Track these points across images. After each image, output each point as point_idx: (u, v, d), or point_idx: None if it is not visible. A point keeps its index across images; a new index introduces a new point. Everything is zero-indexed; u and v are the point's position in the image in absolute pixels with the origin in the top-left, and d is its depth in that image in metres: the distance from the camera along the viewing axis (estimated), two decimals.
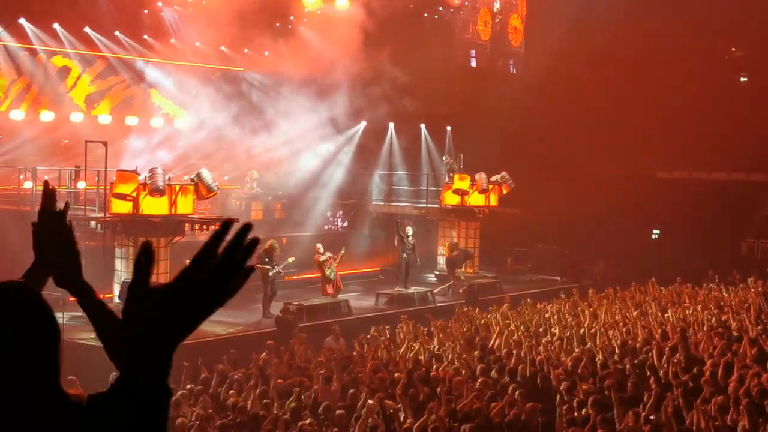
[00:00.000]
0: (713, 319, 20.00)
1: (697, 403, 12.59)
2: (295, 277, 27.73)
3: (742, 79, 45.41)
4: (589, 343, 17.53)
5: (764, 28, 41.87)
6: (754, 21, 41.60)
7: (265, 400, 13.77)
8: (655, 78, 39.63)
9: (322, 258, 25.54)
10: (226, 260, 1.78)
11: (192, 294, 1.78)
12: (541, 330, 19.62)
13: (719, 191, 38.77)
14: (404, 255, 28.61)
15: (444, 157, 34.16)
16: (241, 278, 1.81)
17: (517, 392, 13.55)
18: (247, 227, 1.81)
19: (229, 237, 1.80)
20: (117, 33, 30.28)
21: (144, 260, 1.81)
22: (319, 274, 25.98)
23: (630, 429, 11.99)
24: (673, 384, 14.19)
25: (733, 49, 45.71)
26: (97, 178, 24.73)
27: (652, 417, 12.46)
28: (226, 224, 1.83)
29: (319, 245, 26.05)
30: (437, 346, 18.56)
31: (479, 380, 14.86)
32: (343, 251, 26.24)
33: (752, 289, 25.27)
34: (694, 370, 14.90)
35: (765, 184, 40.19)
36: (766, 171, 40.32)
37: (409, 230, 29.18)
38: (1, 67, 28.50)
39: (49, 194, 2.46)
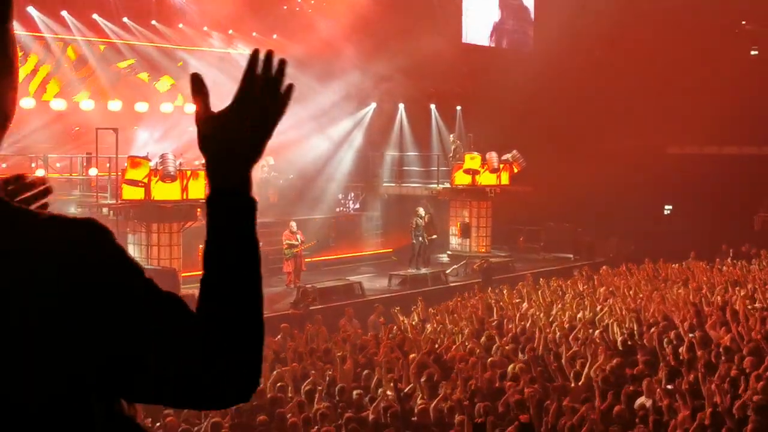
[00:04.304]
0: (727, 296, 19.95)
1: (711, 378, 12.58)
2: (307, 260, 27.76)
3: (752, 53, 45.12)
4: (602, 322, 17.52)
5: None
6: None
7: (279, 384, 13.80)
8: (665, 53, 39.42)
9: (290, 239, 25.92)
10: (267, 81, 2.05)
11: (253, 114, 2.02)
12: (555, 309, 19.59)
13: (731, 166, 38.59)
14: (418, 237, 28.63)
15: (451, 137, 34.06)
16: (286, 93, 2.09)
17: (532, 371, 13.56)
18: (271, 53, 2.08)
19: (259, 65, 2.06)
20: (125, 19, 30.23)
21: (199, 90, 2.03)
22: (331, 257, 26.11)
23: (641, 406, 11.99)
24: (687, 360, 14.18)
25: (744, 22, 45.37)
26: (108, 165, 24.77)
27: (669, 387, 12.48)
28: (255, 52, 2.08)
29: (292, 223, 26.37)
30: (452, 327, 18.56)
31: (494, 360, 14.87)
32: (313, 242, 26.58)
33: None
34: (710, 347, 14.88)
35: None
36: None
37: (421, 211, 29.17)
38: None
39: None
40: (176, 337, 1.84)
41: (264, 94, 2.05)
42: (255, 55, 2.07)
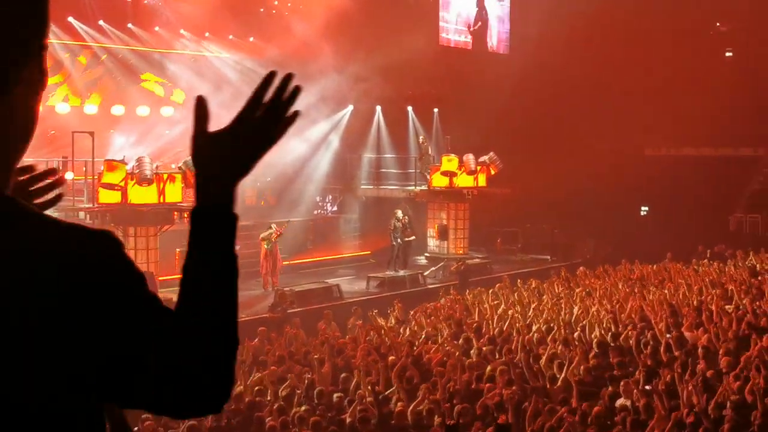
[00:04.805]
0: (703, 296, 20.07)
1: (686, 377, 12.66)
2: (285, 263, 27.72)
3: (727, 54, 45.47)
4: (579, 323, 17.58)
5: (749, 3, 41.98)
6: None
7: (258, 387, 13.78)
8: (641, 55, 39.65)
9: (265, 233, 25.94)
10: (274, 105, 2.09)
11: (247, 135, 2.07)
12: (532, 310, 19.63)
13: (707, 167, 38.83)
14: (397, 239, 28.67)
15: (420, 138, 33.98)
16: (289, 120, 2.12)
17: (510, 373, 13.59)
18: (289, 76, 2.12)
19: (274, 86, 2.10)
20: (101, 22, 30.09)
21: (200, 111, 2.09)
22: (308, 260, 26.09)
23: (621, 406, 12.05)
24: (664, 361, 14.26)
25: (719, 24, 45.74)
26: (84, 169, 24.64)
27: (647, 387, 12.55)
28: (270, 74, 2.11)
29: (273, 225, 26.46)
30: (430, 329, 18.57)
31: (472, 362, 14.90)
32: (285, 224, 26.72)
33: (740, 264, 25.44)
34: (687, 347, 14.98)
35: (752, 159, 40.32)
36: (753, 145, 40.45)
37: (399, 213, 29.20)
38: None
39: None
40: (157, 346, 1.88)
41: (267, 117, 2.10)
42: (270, 77, 2.11)
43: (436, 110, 37.79)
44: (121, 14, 30.71)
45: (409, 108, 37.49)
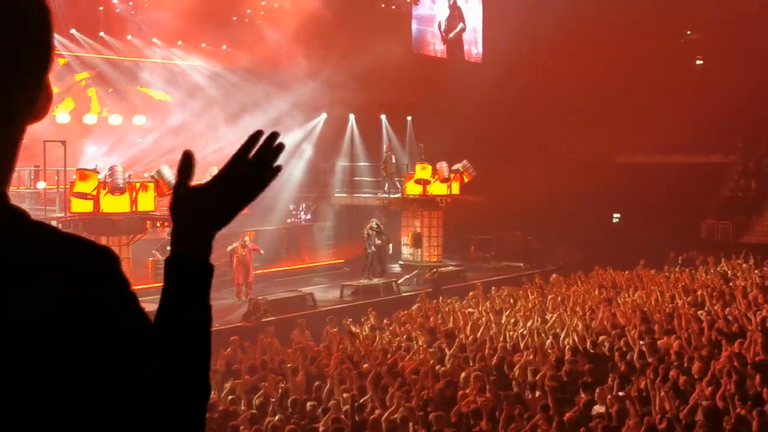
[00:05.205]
0: (675, 303, 20.20)
1: (659, 383, 12.73)
2: (258, 272, 27.64)
3: (698, 62, 45.86)
4: (553, 330, 17.64)
5: (719, 12, 42.35)
6: (709, 4, 42.06)
7: (231, 397, 13.74)
8: (613, 63, 39.86)
9: (231, 247, 26.01)
10: (258, 160, 2.13)
11: (229, 189, 2.10)
12: (505, 318, 19.68)
13: (678, 174, 39.09)
14: (371, 247, 28.70)
15: (384, 147, 33.96)
16: (272, 175, 2.16)
17: (484, 380, 13.61)
18: (275, 134, 2.17)
19: (259, 142, 2.16)
20: (73, 31, 29.93)
21: (184, 166, 2.09)
22: (282, 268, 26.02)
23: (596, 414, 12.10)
24: (637, 367, 14.34)
25: (689, 32, 46.13)
26: (56, 178, 24.51)
27: (621, 393, 12.61)
28: (257, 133, 2.17)
29: (246, 237, 26.41)
30: (404, 337, 18.58)
31: (446, 369, 14.92)
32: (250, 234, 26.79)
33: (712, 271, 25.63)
34: (659, 354, 15.06)
35: (722, 166, 40.63)
36: (724, 152, 40.77)
37: (374, 222, 29.27)
38: None
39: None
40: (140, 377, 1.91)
41: (250, 173, 2.14)
42: (255, 136, 2.17)
43: (409, 118, 37.86)
44: (93, 23, 30.56)
45: (383, 116, 37.53)
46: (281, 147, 2.17)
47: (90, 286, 1.84)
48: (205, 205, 2.08)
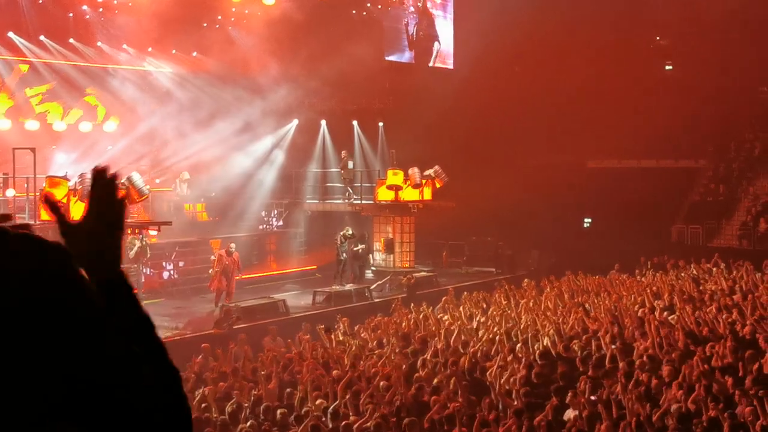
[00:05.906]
0: (646, 307, 20.29)
1: (630, 387, 12.78)
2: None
3: (667, 68, 46.19)
4: (524, 335, 17.67)
5: (688, 17, 42.69)
6: (678, 10, 42.40)
7: (203, 404, 13.67)
8: (582, 68, 40.06)
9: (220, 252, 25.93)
10: (101, 196, 2.20)
11: (95, 222, 2.16)
12: (477, 322, 19.70)
13: (648, 178, 39.36)
14: (343, 253, 28.73)
15: (343, 152, 33.92)
16: (120, 203, 2.21)
17: (457, 386, 13.63)
18: (104, 169, 2.22)
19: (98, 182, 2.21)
20: (42, 38, 29.70)
21: (52, 209, 2.20)
22: (254, 275, 25.92)
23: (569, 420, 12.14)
24: (609, 371, 14.39)
25: (658, 38, 46.48)
26: (26, 185, 24.33)
27: (593, 398, 12.65)
28: (97, 172, 2.22)
29: (232, 245, 26.30)
30: (376, 343, 18.56)
31: (419, 375, 14.92)
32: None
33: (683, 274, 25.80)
34: (630, 357, 15.13)
35: (692, 170, 40.90)
36: (694, 157, 41.06)
37: (348, 230, 29.36)
38: None
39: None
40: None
41: (102, 205, 2.21)
42: (97, 173, 2.22)
43: (381, 124, 37.87)
44: (62, 29, 30.31)
45: (354, 122, 37.53)
46: (114, 176, 2.23)
47: (44, 284, 1.81)
48: (91, 238, 2.15)
